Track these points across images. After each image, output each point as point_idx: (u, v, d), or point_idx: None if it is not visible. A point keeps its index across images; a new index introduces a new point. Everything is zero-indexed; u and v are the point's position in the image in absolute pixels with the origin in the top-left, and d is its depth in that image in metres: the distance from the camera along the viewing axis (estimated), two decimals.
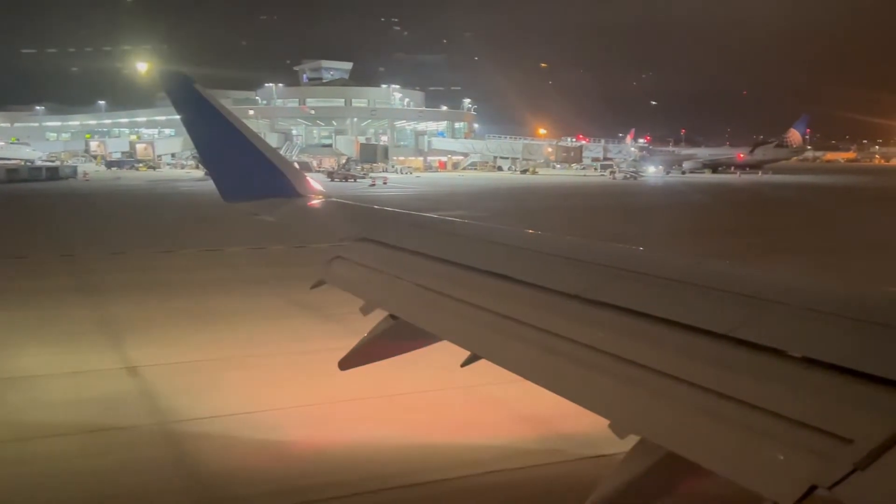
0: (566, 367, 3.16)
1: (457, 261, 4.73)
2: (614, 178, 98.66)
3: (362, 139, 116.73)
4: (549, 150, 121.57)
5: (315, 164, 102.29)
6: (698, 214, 47.89)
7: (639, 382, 2.81)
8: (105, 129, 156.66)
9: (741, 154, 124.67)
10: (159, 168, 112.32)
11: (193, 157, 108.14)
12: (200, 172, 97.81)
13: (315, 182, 8.19)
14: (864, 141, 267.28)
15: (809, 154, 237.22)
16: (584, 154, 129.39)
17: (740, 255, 25.57)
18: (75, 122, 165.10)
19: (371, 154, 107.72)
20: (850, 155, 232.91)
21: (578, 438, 8.85)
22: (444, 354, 4.51)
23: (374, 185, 74.40)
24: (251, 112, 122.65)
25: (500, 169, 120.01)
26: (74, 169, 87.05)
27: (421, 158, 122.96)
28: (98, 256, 25.72)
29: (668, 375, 2.73)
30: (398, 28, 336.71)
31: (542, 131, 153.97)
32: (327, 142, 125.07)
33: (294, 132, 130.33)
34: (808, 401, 2.34)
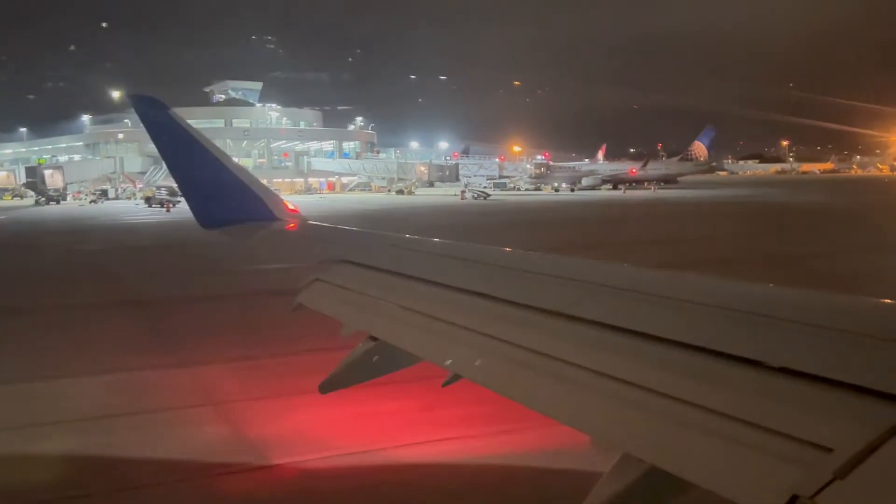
0: (547, 383, 3.15)
1: (437, 280, 4.67)
2: (463, 199, 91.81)
3: None
4: (423, 169, 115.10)
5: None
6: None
7: (620, 397, 2.83)
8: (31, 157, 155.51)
9: (634, 169, 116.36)
10: (25, 197, 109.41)
11: (24, 186, 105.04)
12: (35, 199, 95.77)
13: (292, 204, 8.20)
14: (859, 154, 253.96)
15: (787, 166, 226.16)
16: (482, 171, 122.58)
17: None
18: (8, 150, 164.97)
19: None
20: (828, 166, 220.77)
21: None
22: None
23: (168, 210, 70.16)
24: (121, 135, 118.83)
25: (391, 190, 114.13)
26: None
27: (302, 180, 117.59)
28: None
29: (649, 389, 2.75)
30: (286, 47, 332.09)
31: (516, 149, 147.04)
32: None
33: None
34: (788, 411, 2.35)
